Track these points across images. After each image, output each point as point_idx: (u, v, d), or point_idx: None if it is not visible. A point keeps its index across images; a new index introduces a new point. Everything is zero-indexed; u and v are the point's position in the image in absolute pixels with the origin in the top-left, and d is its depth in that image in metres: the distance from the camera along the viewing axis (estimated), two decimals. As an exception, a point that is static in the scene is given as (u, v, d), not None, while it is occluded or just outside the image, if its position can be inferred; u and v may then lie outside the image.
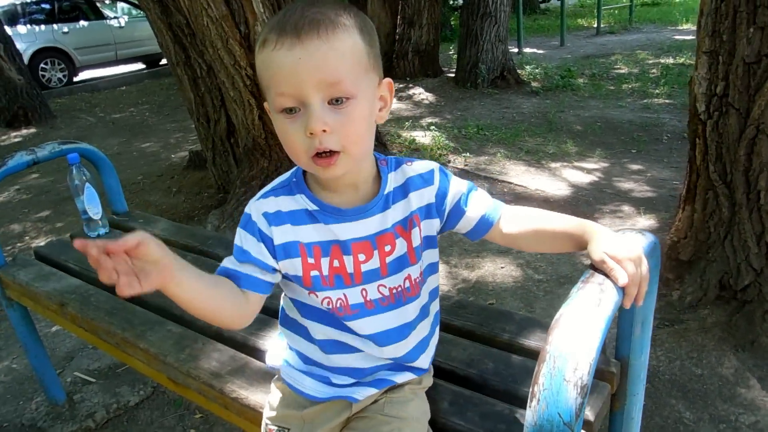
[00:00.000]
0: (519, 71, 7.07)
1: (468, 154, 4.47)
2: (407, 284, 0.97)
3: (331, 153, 0.82)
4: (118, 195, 2.22)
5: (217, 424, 1.98)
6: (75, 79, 10.53)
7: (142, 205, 4.19)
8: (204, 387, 1.24)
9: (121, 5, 12.13)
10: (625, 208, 3.36)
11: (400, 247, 0.95)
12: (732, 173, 2.01)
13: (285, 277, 0.96)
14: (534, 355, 1.25)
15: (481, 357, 1.21)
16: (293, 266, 0.93)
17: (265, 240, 0.91)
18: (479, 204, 0.97)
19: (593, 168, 4.12)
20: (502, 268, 2.80)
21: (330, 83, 0.79)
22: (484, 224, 0.97)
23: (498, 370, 1.17)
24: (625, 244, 0.84)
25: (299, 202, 0.93)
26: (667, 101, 5.73)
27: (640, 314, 1.09)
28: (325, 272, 0.93)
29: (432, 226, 0.97)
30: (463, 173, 4.11)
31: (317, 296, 0.95)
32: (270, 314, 1.45)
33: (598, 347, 0.75)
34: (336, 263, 0.93)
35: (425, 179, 0.96)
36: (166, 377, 1.36)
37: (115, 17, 11.35)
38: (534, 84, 6.78)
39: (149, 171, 5.08)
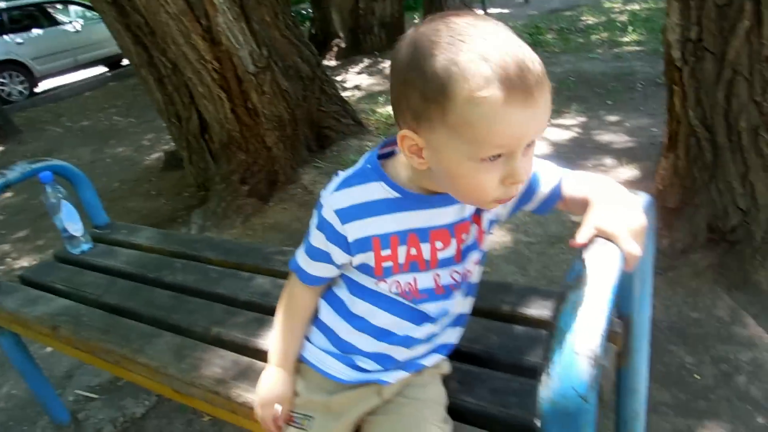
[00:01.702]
0: (487, 34, 6.99)
1: (445, 124, 4.43)
2: (470, 266, 0.98)
3: None
4: (97, 208, 2.17)
5: (226, 425, 1.97)
6: (36, 90, 10.26)
7: (122, 212, 4.12)
8: (209, 395, 1.22)
9: (74, 9, 11.76)
10: (607, 160, 3.36)
11: (473, 233, 0.94)
12: (712, 117, 2.01)
13: (354, 266, 0.96)
14: (537, 323, 1.25)
15: (484, 332, 1.21)
16: (367, 258, 0.92)
17: (339, 239, 0.91)
18: (550, 177, 0.94)
19: (571, 124, 4.11)
20: (491, 234, 2.79)
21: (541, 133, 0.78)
22: (554, 196, 0.94)
23: (503, 343, 1.17)
24: (624, 218, 0.81)
25: (378, 190, 0.89)
26: (637, 48, 5.72)
27: (640, 271, 1.09)
28: (401, 260, 0.92)
29: (499, 209, 0.95)
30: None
31: (386, 282, 0.94)
32: (267, 312, 1.43)
33: (607, 316, 0.74)
34: (413, 251, 0.92)
35: None
36: (170, 389, 1.34)
37: (69, 22, 11.02)
38: (503, 45, 6.71)
39: (125, 177, 4.99)
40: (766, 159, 1.91)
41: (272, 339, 1.07)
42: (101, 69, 11.56)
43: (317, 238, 0.93)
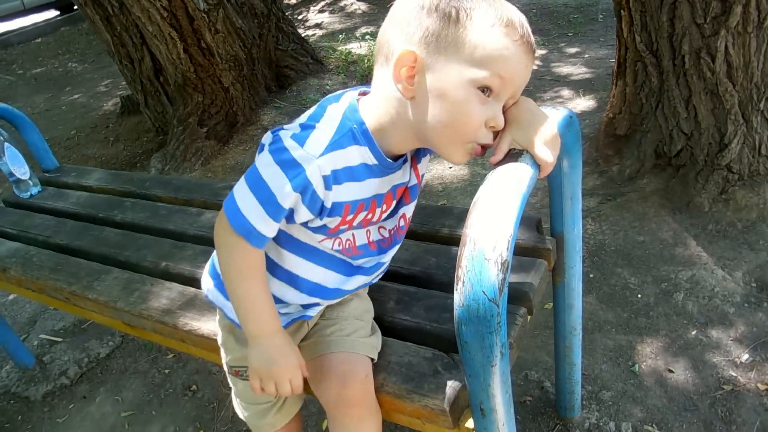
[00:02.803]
0: (451, -34, 6.82)
1: (407, 60, 4.38)
2: (401, 223, 1.01)
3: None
4: (45, 151, 2.13)
5: (190, 361, 2.02)
6: (-16, 37, 9.77)
7: (80, 159, 4.03)
8: (158, 325, 1.25)
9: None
10: (565, 92, 3.38)
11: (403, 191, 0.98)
12: (657, 41, 2.02)
13: (304, 224, 0.91)
14: (474, 244, 1.29)
15: (423, 254, 1.24)
16: (331, 222, 0.89)
17: (315, 203, 0.84)
18: None
19: (532, 57, 4.10)
20: (450, 168, 2.83)
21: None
22: None
23: (440, 264, 1.21)
24: (536, 129, 0.84)
25: (357, 155, 0.86)
26: (600, -22, 5.65)
27: (569, 190, 1.12)
28: (356, 223, 0.93)
29: (425, 165, 0.99)
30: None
31: (330, 239, 0.93)
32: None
33: (515, 223, 0.77)
34: (369, 215, 0.93)
35: None
36: (120, 322, 1.37)
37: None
38: (467, -22, 6.56)
39: (82, 124, 4.85)
40: (708, 82, 1.94)
41: (252, 310, 0.92)
42: (52, 13, 10.99)
43: (290, 199, 0.82)
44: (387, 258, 1.05)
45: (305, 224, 0.90)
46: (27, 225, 1.80)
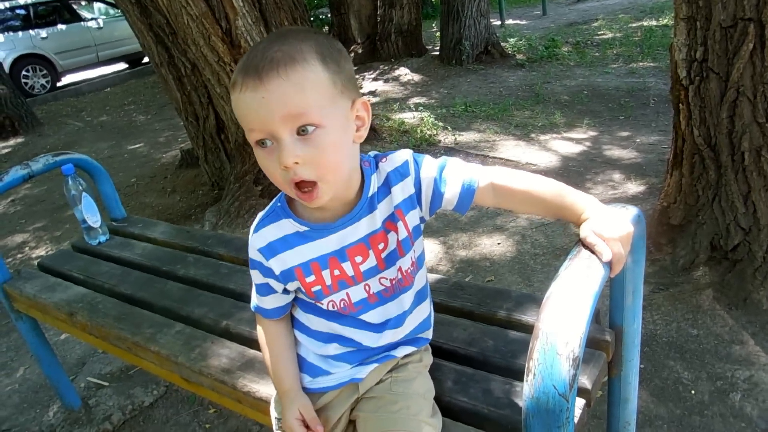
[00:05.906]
0: (503, 44, 7.06)
1: (457, 133, 4.49)
2: (400, 275, 1.03)
3: (312, 184, 0.86)
4: (115, 201, 2.25)
5: (231, 417, 2.04)
6: (58, 85, 10.46)
7: (138, 207, 4.21)
8: (216, 383, 1.28)
9: (97, 5, 11.98)
10: (615, 175, 3.40)
11: (391, 241, 1.00)
12: (716, 136, 2.04)
13: (285, 292, 1.07)
14: (531, 329, 1.29)
15: (480, 335, 1.26)
16: (296, 285, 1.02)
17: (269, 273, 1.01)
18: (455, 179, 0.96)
19: (582, 138, 4.15)
20: (498, 244, 2.85)
21: (294, 116, 0.81)
22: (466, 196, 0.96)
23: (497, 347, 1.21)
24: (612, 223, 0.87)
25: (288, 226, 0.98)
26: (651, 64, 5.74)
27: (631, 284, 1.13)
28: (328, 282, 1.00)
29: (416, 216, 1.00)
30: (452, 152, 4.14)
31: (322, 303, 1.02)
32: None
33: (587, 321, 0.79)
34: (337, 272, 0.99)
35: (401, 173, 0.98)
36: (179, 377, 1.40)
37: (92, 18, 11.23)
38: (519, 56, 6.77)
39: (142, 172, 5.09)
40: (768, 180, 1.94)
41: (272, 374, 1.10)
42: (122, 65, 11.76)
43: (256, 276, 1.05)
44: (395, 309, 1.04)
45: (286, 292, 1.05)
46: (94, 272, 1.89)
